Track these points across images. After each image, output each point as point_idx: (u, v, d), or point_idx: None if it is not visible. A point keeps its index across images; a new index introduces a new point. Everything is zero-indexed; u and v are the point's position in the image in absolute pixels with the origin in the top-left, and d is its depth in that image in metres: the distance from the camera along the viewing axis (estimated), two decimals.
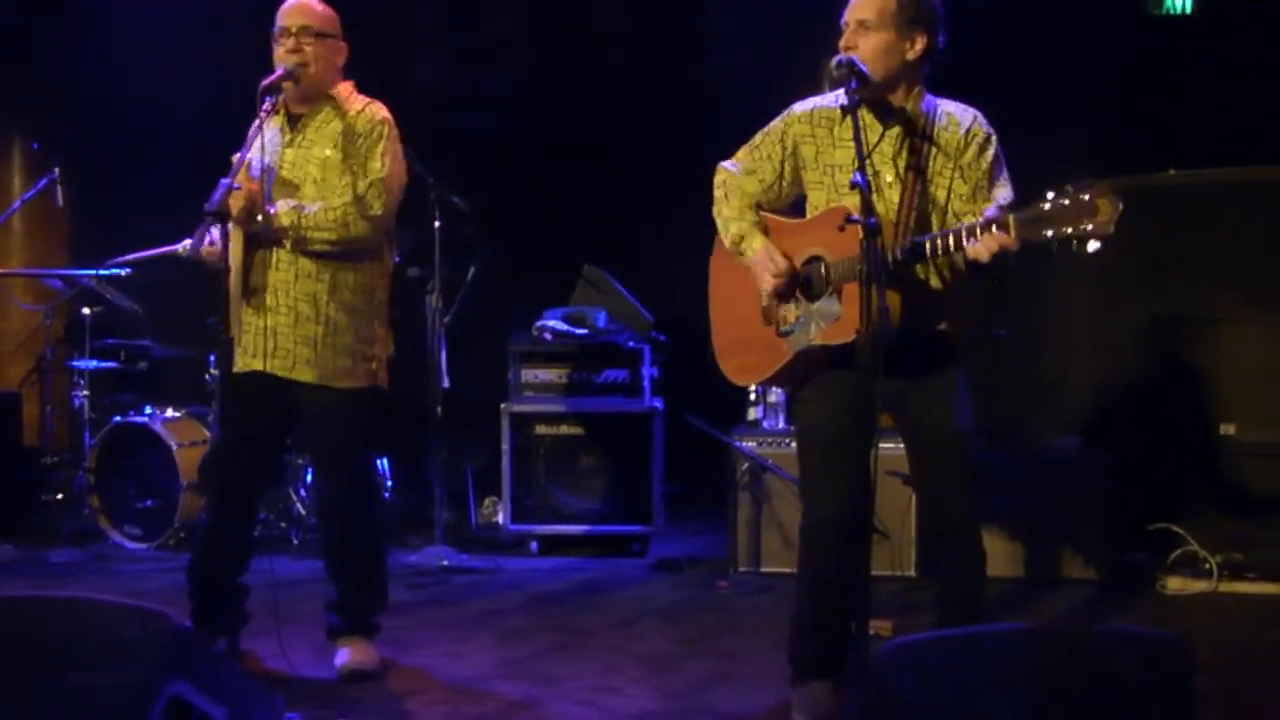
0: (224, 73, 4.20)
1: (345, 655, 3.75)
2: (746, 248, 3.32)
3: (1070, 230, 2.78)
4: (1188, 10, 5.74)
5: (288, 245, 3.61)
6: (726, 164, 3.44)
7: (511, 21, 6.79)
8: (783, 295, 3.27)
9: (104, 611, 2.30)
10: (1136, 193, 5.24)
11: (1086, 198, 2.76)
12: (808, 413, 3.34)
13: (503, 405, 5.62)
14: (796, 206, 3.41)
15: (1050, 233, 2.80)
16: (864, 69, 3.06)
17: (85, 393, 5.95)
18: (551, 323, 5.68)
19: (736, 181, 3.39)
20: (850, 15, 3.17)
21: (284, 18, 3.71)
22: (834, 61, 3.08)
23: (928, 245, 3.01)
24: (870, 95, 3.12)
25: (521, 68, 6.88)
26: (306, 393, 3.67)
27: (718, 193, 3.43)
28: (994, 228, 2.87)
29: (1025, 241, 2.85)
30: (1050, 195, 2.81)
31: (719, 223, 3.42)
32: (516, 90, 6.80)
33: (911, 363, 3.09)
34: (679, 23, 6.62)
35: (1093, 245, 2.77)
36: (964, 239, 2.93)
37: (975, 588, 3.28)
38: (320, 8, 3.76)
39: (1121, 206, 2.73)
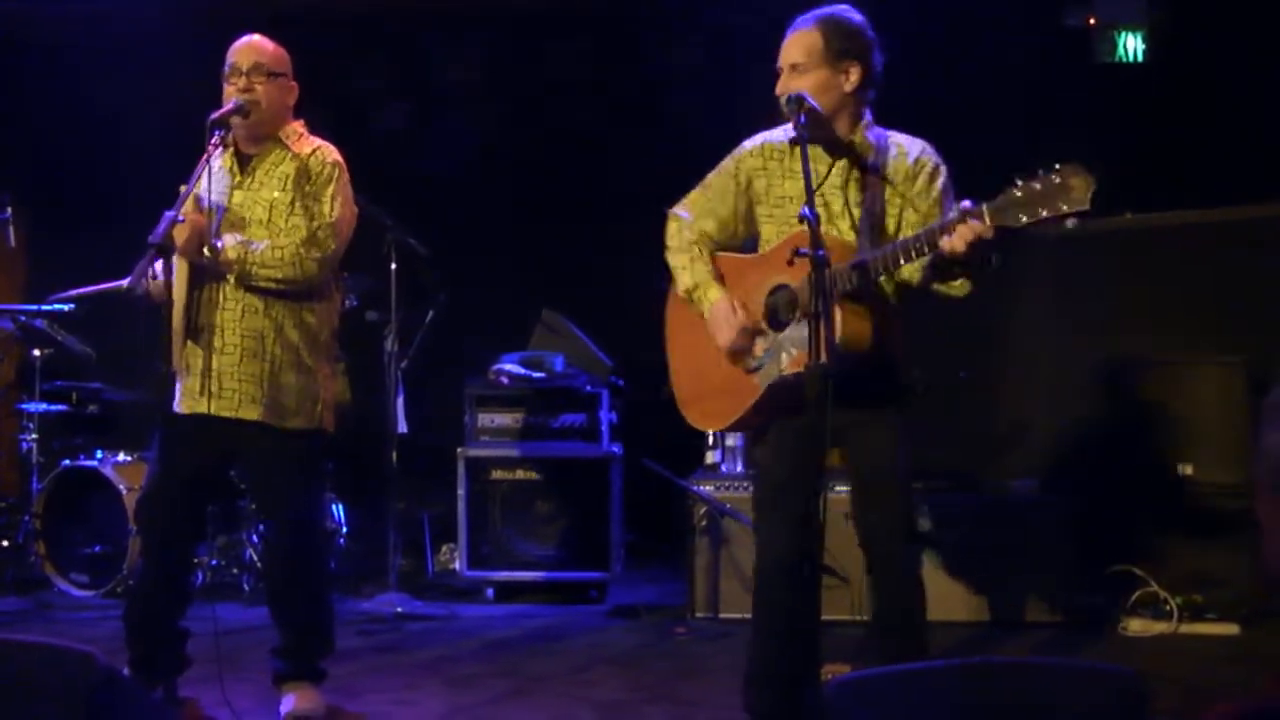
0: (181, 110, 4.16)
1: (290, 702, 3.66)
2: (702, 298, 3.26)
3: (1045, 212, 2.76)
4: (1139, 58, 5.82)
5: (232, 280, 3.54)
6: (677, 210, 3.38)
7: (470, 67, 6.79)
8: (740, 351, 3.19)
9: (24, 651, 2.20)
10: (1093, 237, 5.36)
11: (1057, 178, 2.75)
12: (762, 454, 3.30)
13: (459, 450, 5.54)
14: (750, 245, 3.37)
15: (1025, 216, 2.78)
16: (813, 104, 3.06)
17: (34, 436, 5.82)
18: (508, 366, 5.61)
19: (691, 227, 3.32)
20: (783, 60, 3.17)
21: (235, 56, 3.65)
22: (784, 99, 3.10)
23: (911, 250, 2.94)
24: (820, 129, 3.11)
25: (480, 113, 6.87)
26: (251, 433, 3.59)
27: (670, 241, 3.37)
28: (967, 219, 2.83)
29: (1001, 229, 2.80)
30: (1020, 180, 2.79)
31: (673, 271, 3.36)
32: (475, 134, 6.79)
33: (862, 392, 3.04)
34: (635, 69, 6.65)
35: (1070, 223, 2.74)
36: (938, 236, 2.88)
37: (911, 623, 3.21)
38: (271, 47, 3.70)
39: (1095, 181, 2.71)
